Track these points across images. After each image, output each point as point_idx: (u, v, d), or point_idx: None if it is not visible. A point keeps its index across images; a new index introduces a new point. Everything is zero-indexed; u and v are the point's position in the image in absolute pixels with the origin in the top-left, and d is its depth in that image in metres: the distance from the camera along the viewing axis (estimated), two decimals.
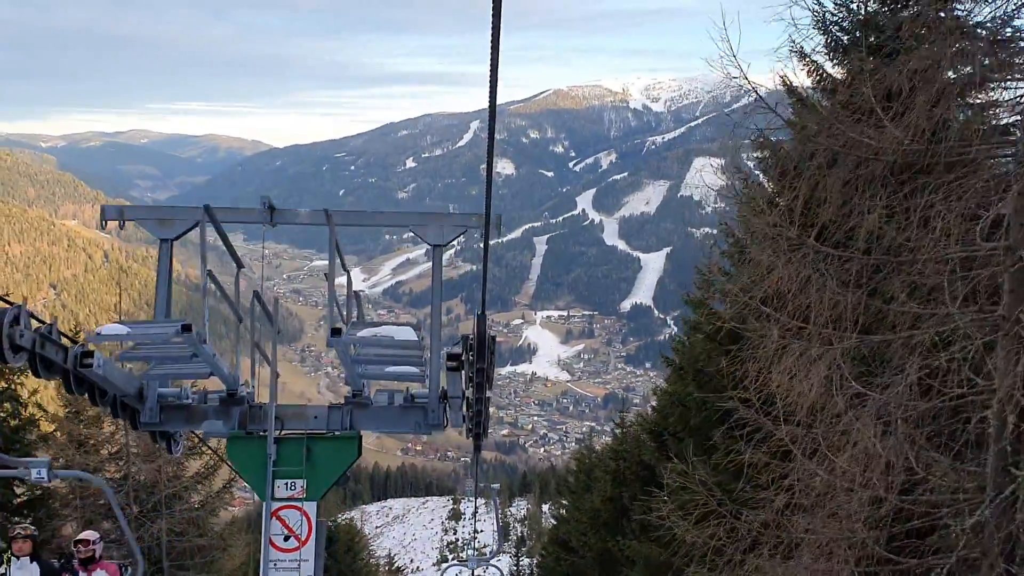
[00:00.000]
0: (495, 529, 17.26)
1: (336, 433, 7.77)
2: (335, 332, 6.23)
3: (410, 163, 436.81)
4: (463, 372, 6.98)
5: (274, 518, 7.27)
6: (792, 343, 7.84)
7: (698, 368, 14.44)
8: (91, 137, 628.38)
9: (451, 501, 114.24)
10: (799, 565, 8.23)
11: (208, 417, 7.68)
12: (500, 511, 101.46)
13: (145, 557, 19.95)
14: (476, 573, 18.50)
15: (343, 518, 33.23)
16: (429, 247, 7.39)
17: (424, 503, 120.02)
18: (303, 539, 7.24)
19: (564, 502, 35.01)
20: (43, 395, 19.86)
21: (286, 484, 7.38)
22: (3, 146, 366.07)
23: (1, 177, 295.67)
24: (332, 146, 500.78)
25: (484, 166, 5.34)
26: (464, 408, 8.34)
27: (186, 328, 6.02)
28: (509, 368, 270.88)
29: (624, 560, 18.28)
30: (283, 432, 7.65)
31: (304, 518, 7.33)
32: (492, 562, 18.01)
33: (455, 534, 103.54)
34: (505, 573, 27.17)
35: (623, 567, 18.40)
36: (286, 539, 7.24)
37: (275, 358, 8.59)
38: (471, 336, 6.72)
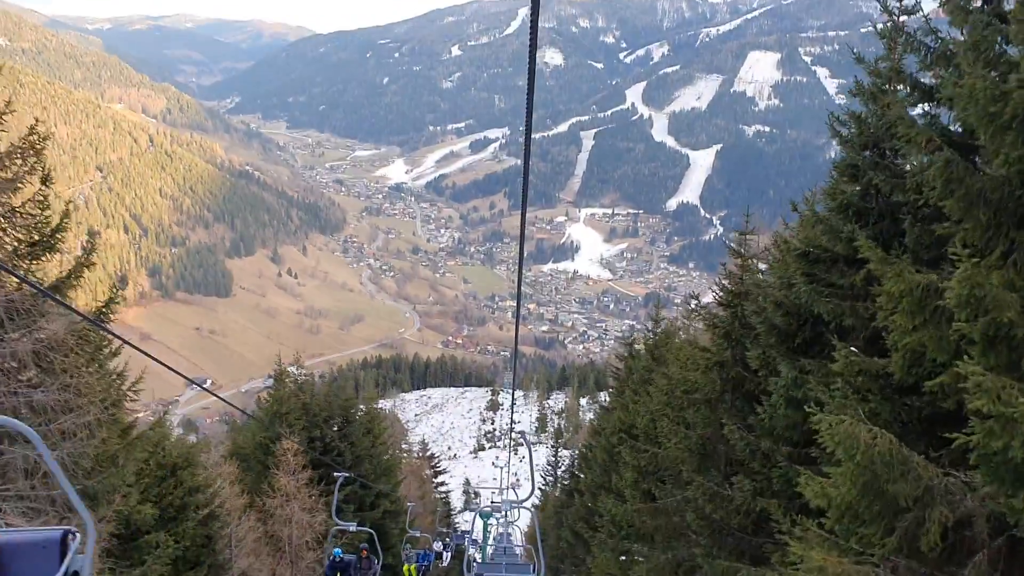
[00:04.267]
0: (530, 471, 16.53)
1: None
2: None
3: (455, 51, 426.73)
4: None
5: None
6: None
7: None
8: (136, 20, 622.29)
9: (489, 392, 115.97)
10: None
11: None
12: (539, 405, 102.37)
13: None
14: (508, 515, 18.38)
15: (363, 403, 30.68)
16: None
17: (463, 393, 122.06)
18: None
19: (610, 388, 32.87)
20: None
21: None
22: (48, 27, 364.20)
23: (47, 58, 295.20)
24: (377, 32, 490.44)
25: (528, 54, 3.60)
26: None
27: None
28: (551, 265, 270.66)
29: (749, 451, 11.56)
30: None
31: None
32: (525, 505, 17.82)
33: (493, 424, 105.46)
34: (531, 510, 26.32)
35: (749, 461, 11.70)
36: None
37: None
38: None
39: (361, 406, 29.45)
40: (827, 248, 10.12)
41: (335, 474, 18.59)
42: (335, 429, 25.27)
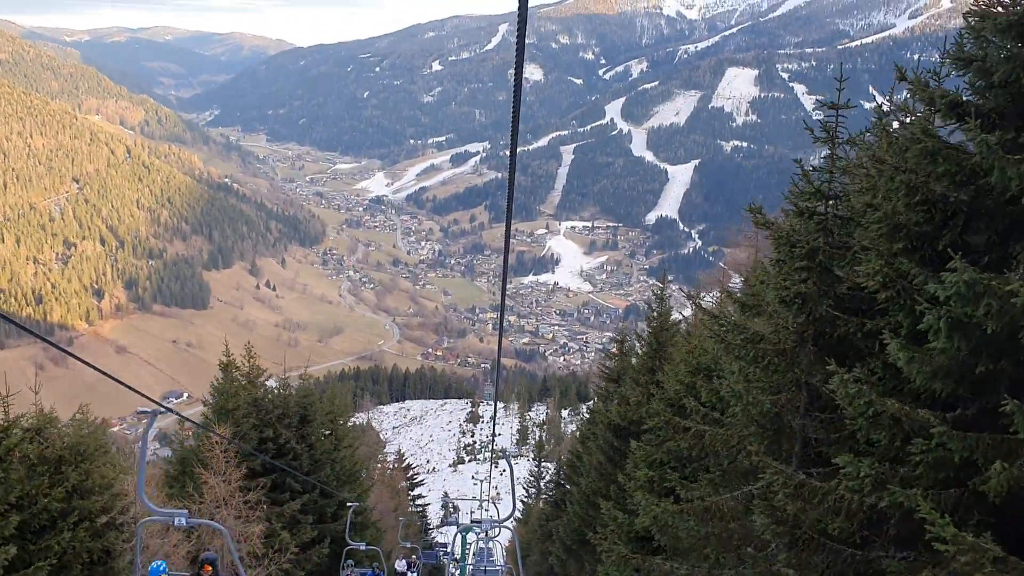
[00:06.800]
0: (511, 491, 15.00)
1: None
2: None
3: (436, 66, 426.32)
4: None
5: None
6: None
7: None
8: (115, 32, 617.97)
9: (469, 404, 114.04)
10: None
11: None
12: (520, 417, 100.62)
13: None
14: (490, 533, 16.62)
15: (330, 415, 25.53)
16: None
17: (442, 405, 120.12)
18: None
19: (598, 388, 30.43)
20: None
21: None
22: (26, 38, 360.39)
23: (23, 69, 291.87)
24: (357, 46, 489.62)
25: (512, 71, 3.75)
26: None
27: None
28: (531, 277, 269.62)
29: (871, 414, 7.44)
30: None
31: None
32: (505, 524, 16.06)
33: (473, 437, 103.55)
34: (513, 534, 23.63)
35: (868, 433, 7.73)
36: None
37: None
38: None
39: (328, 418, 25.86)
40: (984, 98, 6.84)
41: (138, 410, 13.73)
42: (291, 429, 21.86)
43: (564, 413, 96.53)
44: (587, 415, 39.21)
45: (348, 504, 20.98)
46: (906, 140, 7.30)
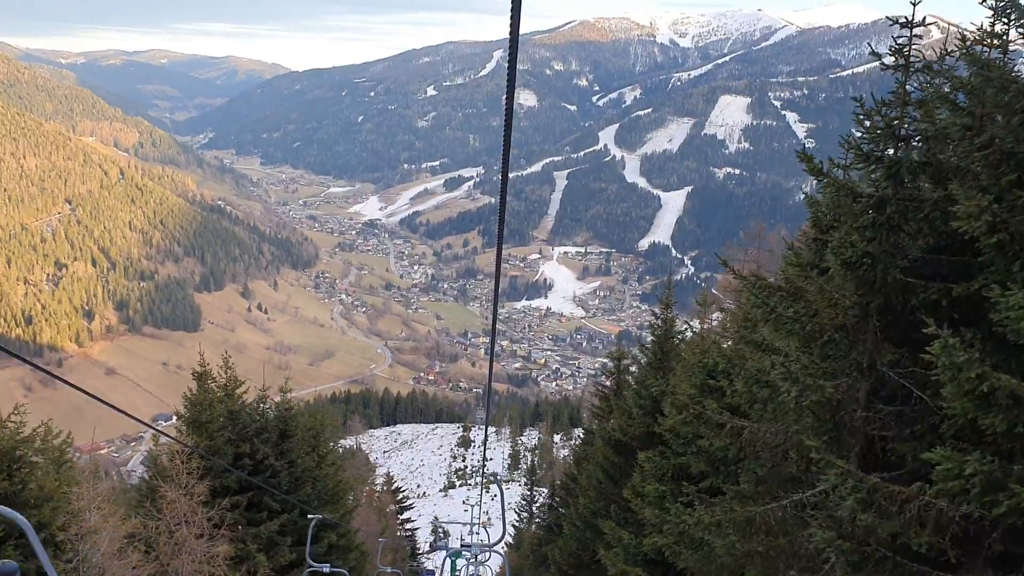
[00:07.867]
0: (502, 515, 14.65)
1: None
2: None
3: (431, 91, 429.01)
4: None
5: None
6: None
7: None
8: (111, 55, 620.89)
9: (461, 428, 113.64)
10: None
11: None
12: (512, 441, 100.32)
13: None
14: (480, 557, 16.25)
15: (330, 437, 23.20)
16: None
17: (434, 429, 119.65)
18: None
19: (594, 407, 29.74)
20: None
21: None
22: (22, 60, 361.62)
23: (18, 91, 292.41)
24: (352, 71, 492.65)
25: (505, 97, 3.65)
26: None
27: None
28: (524, 302, 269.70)
29: (981, 395, 5.50)
30: None
31: None
32: (496, 548, 15.78)
33: (464, 461, 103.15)
34: (505, 557, 23.15)
35: (980, 419, 5.66)
36: None
37: None
38: None
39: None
40: None
41: None
42: (270, 444, 20.17)
43: (556, 438, 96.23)
44: (581, 436, 38.96)
45: (309, 516, 18.24)
46: None
